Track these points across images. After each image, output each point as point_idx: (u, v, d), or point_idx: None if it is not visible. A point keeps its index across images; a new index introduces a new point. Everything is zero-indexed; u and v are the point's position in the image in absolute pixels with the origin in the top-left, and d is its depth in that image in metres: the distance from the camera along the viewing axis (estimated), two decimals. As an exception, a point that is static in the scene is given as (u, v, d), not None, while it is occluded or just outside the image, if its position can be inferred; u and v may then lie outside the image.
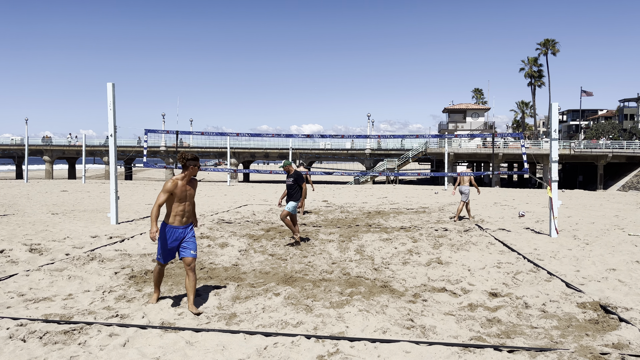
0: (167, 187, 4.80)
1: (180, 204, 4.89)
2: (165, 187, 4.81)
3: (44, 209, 14.49)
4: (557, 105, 9.98)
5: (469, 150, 47.17)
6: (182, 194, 4.89)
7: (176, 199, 4.86)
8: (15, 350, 3.84)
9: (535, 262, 7.30)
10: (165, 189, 4.81)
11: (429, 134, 12.39)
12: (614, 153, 44.22)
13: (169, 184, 4.81)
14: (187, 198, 4.95)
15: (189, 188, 4.97)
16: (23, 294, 5.44)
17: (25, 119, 47.90)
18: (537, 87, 61.45)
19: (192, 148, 54.07)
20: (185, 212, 4.95)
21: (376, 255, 8.01)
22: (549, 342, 4.15)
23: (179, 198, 4.87)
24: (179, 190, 4.86)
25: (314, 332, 4.37)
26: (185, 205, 4.94)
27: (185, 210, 4.95)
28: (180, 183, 4.87)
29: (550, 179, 10.03)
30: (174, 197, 4.85)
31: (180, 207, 4.90)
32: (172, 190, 4.82)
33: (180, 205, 4.90)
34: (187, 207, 4.96)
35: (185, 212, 4.95)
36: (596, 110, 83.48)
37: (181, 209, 4.91)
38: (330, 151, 51.58)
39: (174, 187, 4.82)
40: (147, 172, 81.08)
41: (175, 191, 4.84)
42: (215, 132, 12.83)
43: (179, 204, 4.89)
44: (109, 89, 11.10)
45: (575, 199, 23.28)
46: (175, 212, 4.89)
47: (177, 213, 4.90)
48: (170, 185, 4.81)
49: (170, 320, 4.65)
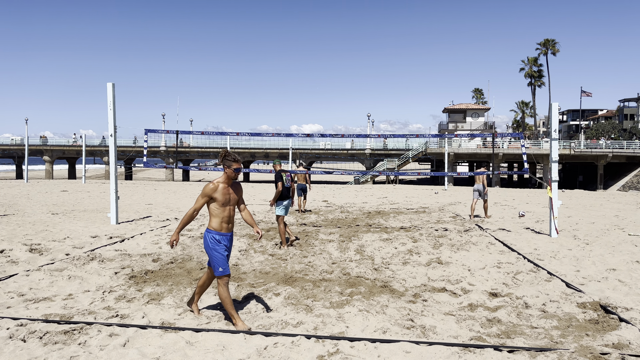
0: (206, 190, 4.45)
1: (224, 208, 4.49)
2: (203, 191, 4.48)
3: (44, 209, 14.49)
4: (557, 105, 9.98)
5: (469, 150, 47.16)
6: (225, 197, 4.47)
7: (219, 203, 4.45)
8: (15, 350, 3.84)
9: (535, 262, 7.30)
10: (203, 192, 4.47)
11: (429, 134, 12.38)
12: (614, 153, 44.21)
13: (208, 187, 4.45)
14: (230, 202, 4.52)
15: (231, 191, 4.53)
16: (23, 294, 5.44)
17: (25, 119, 47.92)
18: (537, 87, 61.46)
19: (192, 148, 54.08)
20: (230, 217, 4.54)
21: (376, 255, 8.01)
22: (549, 342, 4.15)
23: (221, 202, 4.46)
24: (220, 194, 4.45)
25: (314, 332, 4.37)
26: (230, 210, 4.53)
27: (230, 216, 4.54)
28: (221, 186, 4.47)
29: (550, 179, 10.03)
30: (217, 202, 4.45)
31: (225, 212, 4.49)
32: (211, 194, 4.44)
33: (225, 211, 4.49)
34: (231, 212, 4.54)
35: (230, 217, 4.54)
36: (596, 110, 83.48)
37: (226, 215, 4.50)
38: (330, 151, 51.57)
39: (213, 191, 4.44)
40: (147, 172, 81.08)
41: (215, 195, 4.44)
42: (215, 132, 12.84)
43: (223, 208, 4.48)
44: (109, 89, 11.10)
45: (575, 199, 23.28)
46: (221, 218, 4.49)
47: (223, 219, 4.50)
48: (208, 189, 4.44)
49: (170, 320, 4.65)
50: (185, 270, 6.78)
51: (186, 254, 7.82)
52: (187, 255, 7.72)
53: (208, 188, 4.43)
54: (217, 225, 4.48)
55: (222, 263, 4.46)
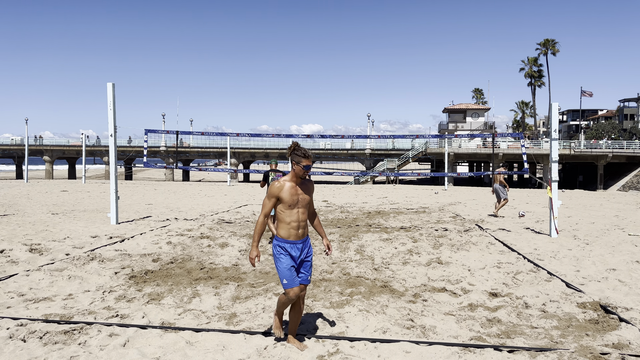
0: (272, 190, 3.89)
1: (291, 211, 3.90)
2: (269, 191, 3.91)
3: (44, 209, 14.49)
4: (557, 105, 9.98)
5: (469, 150, 47.17)
6: (292, 198, 3.88)
7: (285, 205, 3.88)
8: (15, 350, 3.84)
9: (535, 262, 7.29)
10: (269, 193, 3.90)
11: (429, 134, 12.40)
12: (614, 153, 44.22)
13: (274, 187, 3.89)
14: (299, 204, 3.93)
15: (300, 191, 3.94)
16: (23, 294, 5.44)
17: (25, 119, 47.89)
18: (537, 87, 61.48)
19: (192, 148, 54.09)
20: (300, 222, 3.93)
21: (376, 255, 8.01)
22: (549, 342, 4.15)
23: (289, 204, 3.88)
24: (287, 194, 3.86)
25: (314, 332, 4.37)
26: (299, 213, 3.93)
27: (300, 220, 3.93)
28: (288, 185, 3.89)
29: (550, 179, 10.03)
30: (283, 204, 3.89)
31: (293, 216, 3.90)
32: (277, 195, 3.88)
33: (292, 214, 3.90)
34: (301, 215, 3.94)
35: (300, 222, 3.93)
36: (596, 110, 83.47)
37: (295, 219, 3.91)
38: (330, 151, 51.58)
39: (279, 191, 3.88)
40: (147, 172, 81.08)
41: (281, 195, 3.86)
42: (215, 132, 12.84)
43: (291, 211, 3.90)
44: (109, 89, 11.10)
45: (575, 199, 23.28)
46: (289, 223, 3.90)
47: (291, 224, 3.90)
48: (275, 189, 3.89)
49: (170, 320, 4.65)
50: (185, 270, 6.78)
51: (186, 254, 7.82)
52: (187, 255, 7.72)
53: (274, 188, 3.90)
54: (284, 232, 3.92)
55: (287, 275, 3.87)
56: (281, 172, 9.18)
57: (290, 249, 3.91)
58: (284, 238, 3.92)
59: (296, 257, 3.93)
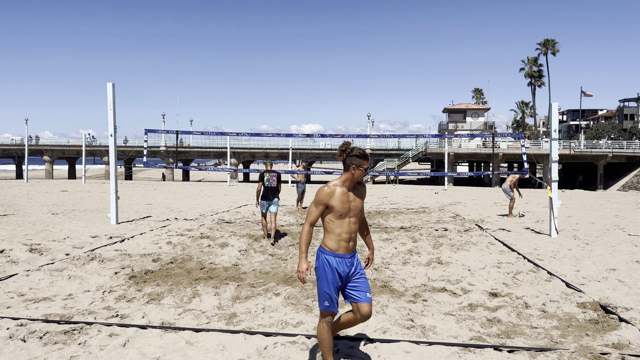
0: (320, 196, 3.38)
1: (342, 221, 3.40)
2: (317, 197, 3.39)
3: (44, 209, 14.49)
4: (557, 105, 9.98)
5: (469, 150, 47.16)
6: (344, 206, 3.39)
7: (336, 214, 3.38)
8: (15, 350, 3.84)
9: (535, 262, 7.29)
10: (317, 199, 3.39)
11: (429, 134, 12.38)
12: (614, 153, 44.22)
13: (322, 193, 3.37)
14: (351, 212, 3.43)
15: (352, 198, 3.45)
16: (23, 294, 5.44)
17: (25, 119, 47.87)
18: (537, 87, 61.45)
19: (192, 148, 54.08)
20: (351, 233, 3.45)
21: (376, 255, 8.01)
22: (549, 342, 4.15)
23: (340, 212, 3.38)
24: (337, 201, 3.37)
25: (314, 332, 4.36)
26: (350, 223, 3.43)
27: (351, 231, 3.44)
28: (339, 190, 3.38)
29: (550, 179, 10.03)
30: (333, 212, 3.39)
31: (343, 225, 3.41)
32: (326, 202, 3.37)
33: (343, 224, 3.41)
34: (352, 225, 3.44)
35: (351, 233, 3.45)
36: (596, 110, 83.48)
37: (345, 229, 3.41)
38: (330, 151, 51.58)
39: (329, 197, 3.37)
40: (147, 172, 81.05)
41: (332, 202, 3.37)
42: (215, 132, 12.84)
43: (341, 221, 3.40)
44: (109, 89, 11.10)
45: (575, 199, 23.28)
46: (339, 234, 3.40)
47: (341, 236, 3.40)
48: (323, 195, 3.37)
49: (170, 320, 4.65)
50: (185, 270, 6.78)
51: (186, 254, 7.82)
52: (187, 255, 7.72)
53: (323, 193, 3.38)
54: (333, 244, 3.40)
55: (328, 296, 3.39)
56: (276, 173, 9.23)
57: (338, 264, 3.39)
58: (333, 251, 3.39)
59: (343, 274, 3.40)
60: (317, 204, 3.39)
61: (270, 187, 9.07)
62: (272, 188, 9.08)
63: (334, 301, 3.41)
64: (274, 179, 9.11)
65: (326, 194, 3.36)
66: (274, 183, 9.09)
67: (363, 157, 3.41)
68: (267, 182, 9.05)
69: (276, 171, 9.28)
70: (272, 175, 9.12)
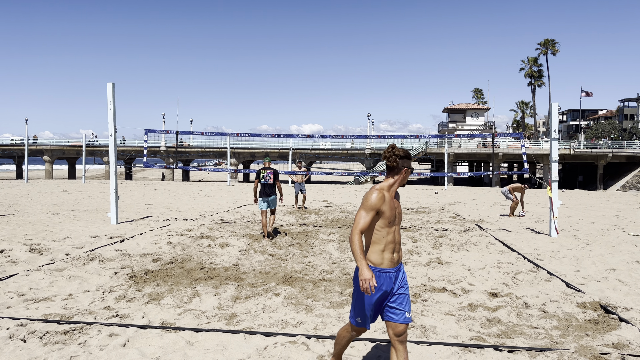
0: (372, 201, 3.02)
1: (390, 229, 3.09)
2: (368, 202, 3.04)
3: (44, 209, 14.49)
4: (557, 105, 9.99)
5: (469, 150, 47.16)
6: (392, 212, 3.10)
7: (385, 221, 3.07)
8: (15, 350, 3.84)
9: (535, 262, 7.30)
10: (368, 204, 3.03)
11: (429, 134, 12.39)
12: (614, 153, 44.23)
13: (374, 197, 3.03)
14: (397, 219, 3.16)
15: (397, 203, 3.20)
16: (23, 294, 5.44)
17: (25, 119, 47.95)
18: (537, 87, 61.48)
19: (192, 148, 54.08)
20: (397, 243, 3.16)
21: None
22: (549, 342, 4.15)
23: (389, 220, 3.08)
24: (388, 207, 3.07)
25: (314, 332, 4.37)
26: (396, 231, 3.15)
27: (397, 241, 3.16)
28: (387, 195, 3.09)
29: (550, 179, 10.03)
30: (382, 219, 3.07)
31: (390, 234, 3.09)
32: (379, 207, 3.04)
33: (390, 233, 3.09)
34: (397, 235, 3.16)
35: (397, 243, 3.16)
36: (596, 110, 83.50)
37: (391, 239, 3.10)
38: (330, 151, 51.59)
39: (382, 202, 3.04)
40: (147, 172, 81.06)
41: (383, 208, 3.05)
42: (215, 132, 12.84)
43: (389, 229, 3.09)
44: (109, 89, 11.10)
45: (575, 199, 23.28)
46: (385, 245, 3.08)
47: (387, 246, 3.09)
48: (377, 199, 3.03)
49: (170, 320, 4.65)
50: (185, 270, 6.78)
51: (186, 254, 7.82)
52: (187, 255, 7.72)
53: (374, 198, 3.03)
54: (376, 257, 3.08)
55: (364, 313, 3.11)
56: (272, 170, 9.42)
57: (383, 280, 3.06)
58: (375, 265, 3.07)
59: (388, 290, 3.09)
60: (368, 210, 3.02)
61: (267, 183, 9.30)
62: (268, 185, 9.32)
63: (369, 319, 3.14)
64: (270, 175, 9.32)
65: (379, 198, 3.03)
66: (270, 180, 9.31)
67: (408, 156, 3.21)
68: (264, 178, 9.30)
69: (273, 168, 9.48)
70: (269, 172, 9.34)
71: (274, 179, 9.37)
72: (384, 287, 3.06)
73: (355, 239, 2.97)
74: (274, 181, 9.40)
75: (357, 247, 2.96)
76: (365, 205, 3.03)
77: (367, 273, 2.90)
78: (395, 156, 3.14)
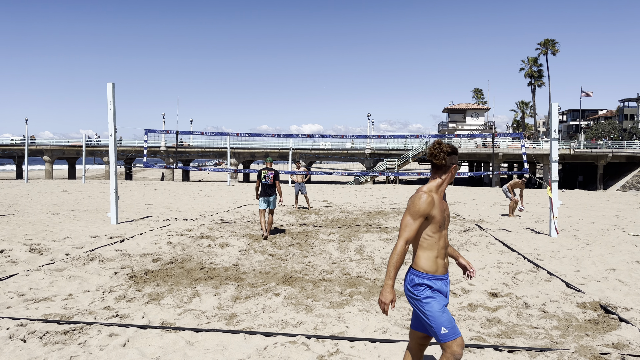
0: (421, 206, 2.76)
1: (440, 233, 2.84)
2: (415, 207, 2.77)
3: (44, 209, 14.49)
4: (557, 105, 9.98)
5: (469, 150, 47.16)
6: (442, 215, 2.85)
7: (435, 226, 2.82)
8: (15, 350, 3.84)
9: (535, 262, 7.30)
10: (415, 209, 2.77)
11: (429, 134, 12.38)
12: (614, 153, 44.23)
13: (423, 201, 2.77)
14: (446, 223, 2.91)
15: (445, 205, 2.93)
16: (23, 294, 5.44)
17: (25, 119, 47.89)
18: (537, 87, 61.49)
19: (192, 148, 54.08)
20: (447, 247, 2.93)
21: (376, 255, 8.01)
22: (549, 342, 4.15)
23: (439, 224, 2.83)
24: (438, 211, 2.82)
25: (314, 332, 4.37)
26: (446, 235, 2.91)
27: (447, 245, 2.93)
28: (436, 198, 2.83)
29: (550, 179, 10.03)
30: (433, 224, 2.82)
31: (441, 239, 2.86)
32: (428, 212, 2.78)
33: (441, 237, 2.85)
34: (446, 239, 2.92)
35: (447, 247, 2.93)
36: (596, 110, 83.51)
37: (442, 244, 2.87)
38: (330, 151, 51.60)
39: (431, 206, 2.79)
40: (147, 172, 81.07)
41: (433, 213, 2.80)
42: (215, 132, 12.84)
43: (439, 234, 2.84)
44: (109, 89, 11.10)
45: (575, 199, 23.28)
46: (437, 250, 2.84)
47: (439, 252, 2.85)
48: (426, 203, 2.77)
49: (170, 320, 4.65)
50: (185, 270, 6.78)
51: (186, 254, 7.82)
52: (187, 255, 7.72)
53: (424, 202, 2.77)
54: (430, 265, 2.84)
55: (445, 319, 2.77)
56: (273, 171, 9.61)
57: (440, 287, 2.83)
58: (430, 272, 2.82)
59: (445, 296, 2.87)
60: (416, 216, 2.75)
61: (267, 183, 9.53)
62: (268, 185, 9.55)
63: (453, 324, 2.78)
64: (270, 176, 9.53)
65: (428, 202, 2.76)
66: (271, 180, 9.53)
67: (457, 152, 2.93)
68: (264, 179, 9.52)
69: (274, 169, 9.67)
70: (269, 173, 9.55)
71: (274, 180, 9.56)
72: (440, 292, 2.84)
73: (399, 251, 2.73)
74: (274, 181, 9.60)
75: (397, 261, 2.72)
76: (413, 211, 2.76)
77: (388, 296, 2.72)
78: (444, 153, 2.85)
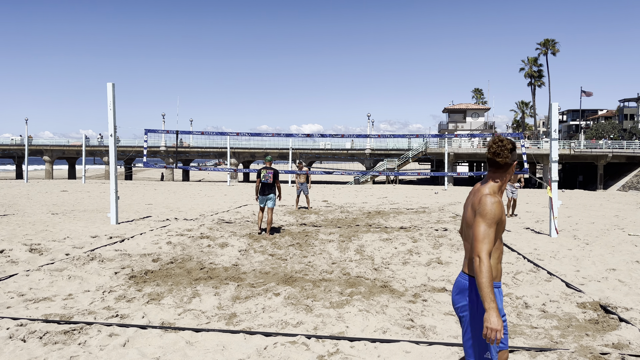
0: (496, 211, 2.52)
1: (500, 238, 2.64)
2: (490, 213, 2.51)
3: (44, 209, 14.49)
4: (557, 105, 9.99)
5: (469, 150, 47.17)
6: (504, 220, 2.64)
7: (500, 232, 2.60)
8: (15, 350, 3.84)
9: (535, 262, 7.30)
10: (491, 216, 2.51)
11: (429, 134, 12.38)
12: (614, 153, 44.23)
13: (497, 207, 2.53)
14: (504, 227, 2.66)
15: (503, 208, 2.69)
16: (23, 294, 5.44)
17: (25, 119, 47.93)
18: (537, 87, 61.47)
19: (192, 148, 54.08)
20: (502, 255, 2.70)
21: (376, 255, 8.01)
22: (549, 342, 4.15)
23: (503, 228, 2.63)
24: (504, 217, 2.62)
25: (314, 332, 4.37)
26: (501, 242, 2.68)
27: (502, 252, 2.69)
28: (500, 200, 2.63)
29: (550, 179, 10.03)
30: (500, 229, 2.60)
31: (501, 244, 2.65)
32: (500, 217, 2.55)
33: (500, 242, 2.65)
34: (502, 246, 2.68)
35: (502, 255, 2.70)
36: (596, 110, 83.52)
37: (500, 251, 2.65)
38: (330, 151, 51.59)
39: (502, 212, 2.57)
40: (147, 172, 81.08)
41: (503, 217, 2.59)
42: (215, 132, 12.84)
43: (499, 240, 2.64)
44: (109, 89, 11.10)
45: (575, 199, 23.28)
46: (498, 255, 2.62)
47: (499, 258, 2.64)
48: (499, 208, 2.54)
49: (170, 320, 4.65)
50: (185, 270, 6.78)
51: (186, 254, 7.82)
52: (187, 255, 7.72)
53: (498, 207, 2.54)
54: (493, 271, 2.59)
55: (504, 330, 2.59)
56: (272, 170, 9.74)
57: (499, 295, 2.62)
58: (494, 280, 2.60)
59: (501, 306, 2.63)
60: (492, 223, 2.49)
61: (267, 182, 9.68)
62: (268, 184, 9.71)
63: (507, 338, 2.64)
64: (269, 175, 9.67)
65: (500, 207, 2.54)
66: (270, 179, 9.67)
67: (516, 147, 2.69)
68: (264, 178, 9.67)
69: (273, 168, 9.77)
70: (269, 172, 9.68)
71: (273, 179, 9.67)
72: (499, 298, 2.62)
73: (488, 267, 2.39)
74: (274, 181, 9.71)
75: (490, 279, 2.38)
76: (488, 218, 2.49)
77: (498, 322, 2.33)
78: (507, 150, 2.61)
